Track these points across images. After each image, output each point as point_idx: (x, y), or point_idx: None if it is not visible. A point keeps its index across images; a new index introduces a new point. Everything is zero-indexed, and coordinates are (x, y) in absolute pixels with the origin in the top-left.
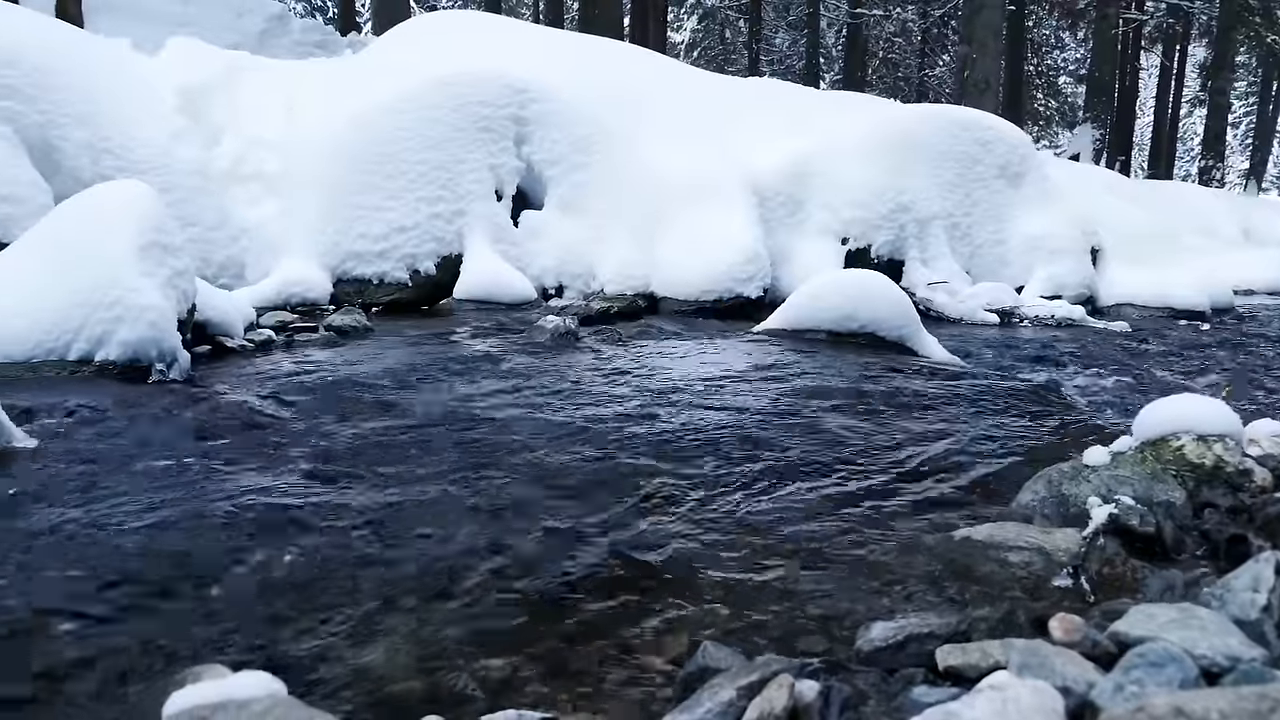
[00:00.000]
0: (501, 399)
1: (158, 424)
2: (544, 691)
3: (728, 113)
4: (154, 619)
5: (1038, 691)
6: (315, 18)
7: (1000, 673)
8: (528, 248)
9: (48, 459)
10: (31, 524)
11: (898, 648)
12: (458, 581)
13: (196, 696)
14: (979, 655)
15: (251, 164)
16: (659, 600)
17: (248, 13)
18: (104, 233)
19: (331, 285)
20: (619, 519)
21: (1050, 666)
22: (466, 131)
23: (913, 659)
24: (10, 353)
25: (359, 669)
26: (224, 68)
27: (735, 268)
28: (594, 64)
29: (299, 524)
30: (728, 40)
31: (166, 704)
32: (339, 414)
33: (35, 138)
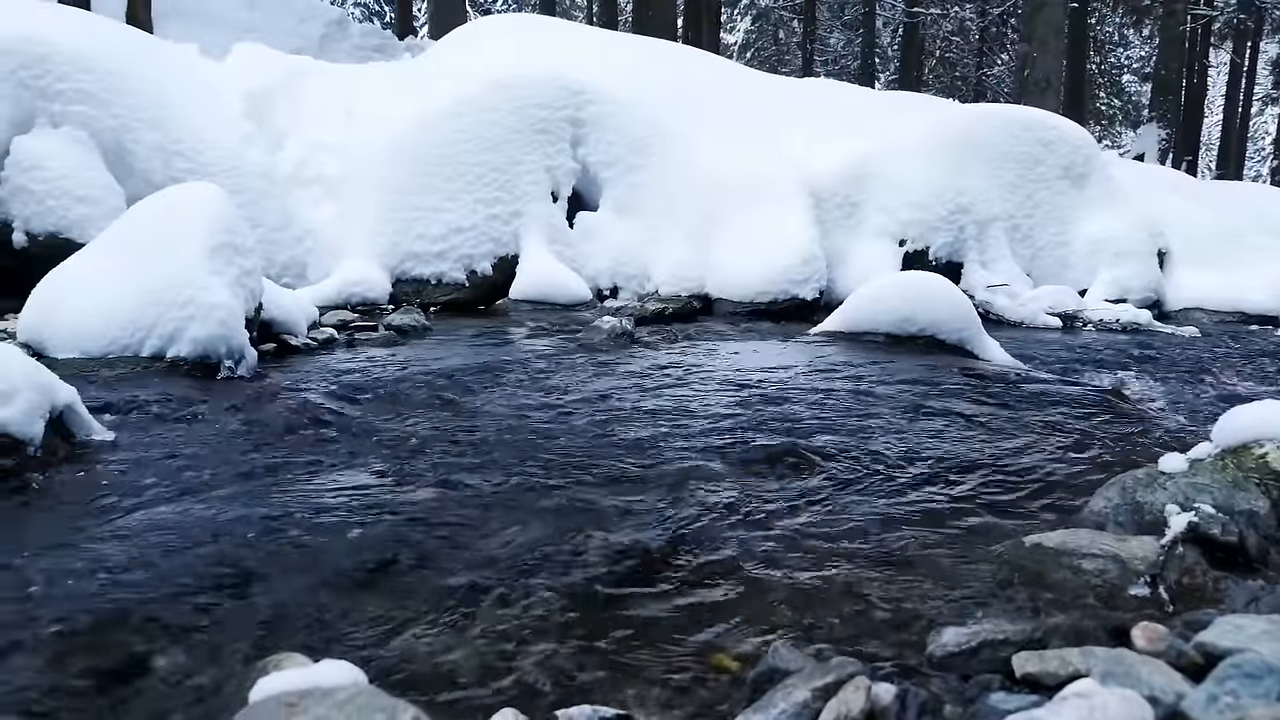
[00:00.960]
0: (560, 398)
1: (228, 419)
2: (613, 688)
3: (783, 113)
4: (230, 608)
5: (1126, 700)
6: (373, 22)
7: (1084, 681)
8: (583, 249)
9: (125, 451)
10: (111, 515)
11: (971, 653)
12: (524, 578)
13: (283, 683)
14: (1058, 663)
15: (313, 167)
16: (724, 601)
17: (309, 18)
18: (177, 233)
19: (390, 285)
20: (682, 519)
21: (1136, 675)
22: (523, 133)
23: (986, 665)
24: (88, 349)
25: (432, 661)
26: (287, 72)
27: (791, 269)
28: (649, 65)
29: (367, 518)
30: (781, 41)
31: (253, 689)
32: (402, 412)
33: (109, 141)
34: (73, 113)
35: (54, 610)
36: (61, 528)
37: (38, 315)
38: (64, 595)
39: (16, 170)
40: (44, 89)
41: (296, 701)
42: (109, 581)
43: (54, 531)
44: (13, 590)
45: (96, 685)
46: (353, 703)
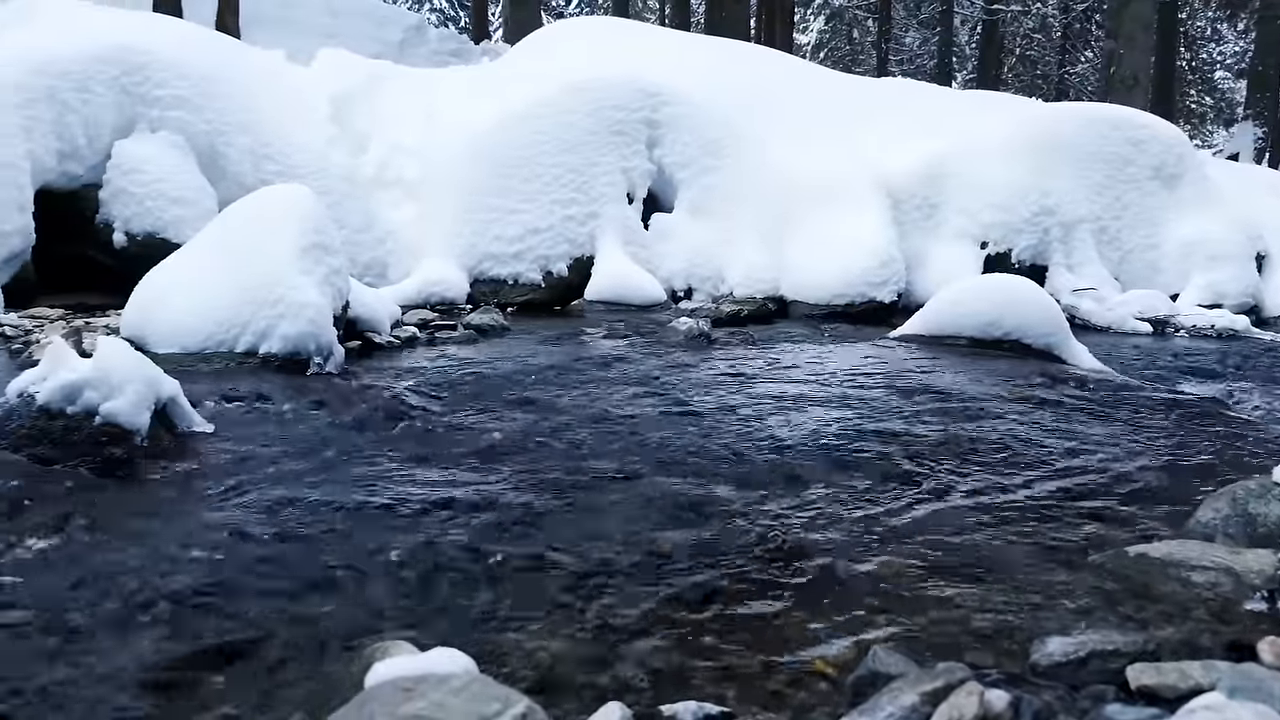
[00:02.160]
0: (642, 399)
1: (319, 414)
2: (711, 686)
3: (859, 113)
4: (332, 594)
5: (1261, 715)
6: (448, 27)
7: (1212, 694)
8: (657, 250)
9: (224, 443)
10: (214, 503)
11: (1079, 664)
12: (617, 574)
13: (397, 669)
14: (1176, 676)
15: (394, 169)
16: (816, 603)
17: (388, 23)
18: (269, 234)
19: (468, 285)
20: (772, 521)
21: (1268, 690)
22: (600, 135)
23: (1097, 676)
24: (186, 345)
25: (533, 653)
26: (369, 77)
27: (868, 271)
28: (724, 66)
29: (459, 512)
30: (855, 40)
31: (368, 674)
32: (486, 409)
33: (203, 145)
34: (170, 118)
35: (165, 591)
36: (169, 514)
37: (139, 312)
38: (174, 578)
39: (118, 173)
40: (143, 95)
41: (412, 687)
42: (215, 566)
43: (162, 518)
44: (126, 572)
45: (209, 665)
46: (467, 690)
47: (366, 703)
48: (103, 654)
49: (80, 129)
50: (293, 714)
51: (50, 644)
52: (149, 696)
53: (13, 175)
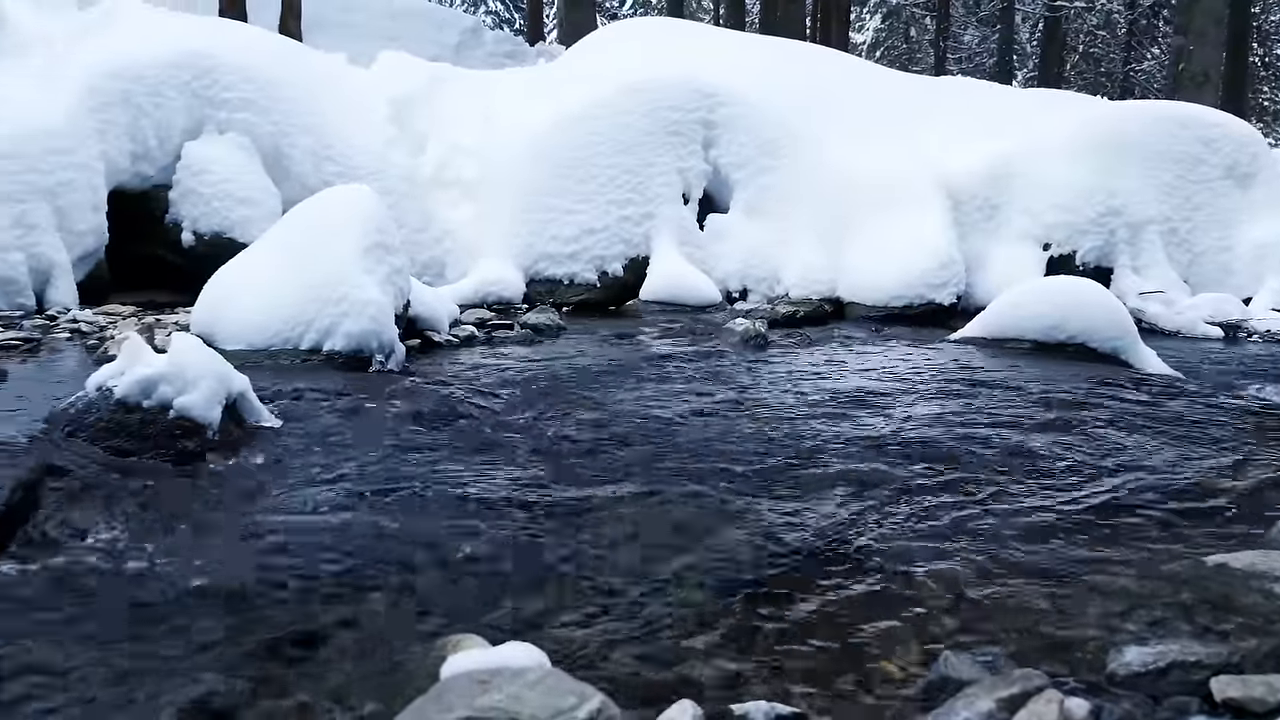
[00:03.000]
0: (699, 399)
1: (382, 410)
2: (780, 687)
3: (918, 113)
4: (400, 588)
5: None
6: (503, 30)
7: None
8: (712, 250)
9: (291, 437)
10: (283, 496)
11: (1159, 674)
12: (682, 573)
13: (472, 662)
14: (1264, 689)
15: (452, 169)
16: (882, 607)
17: (446, 26)
18: (332, 233)
19: (525, 285)
20: (835, 524)
21: None
22: (656, 135)
23: (1178, 687)
24: (253, 341)
25: (602, 650)
26: (428, 78)
27: (928, 273)
28: (781, 66)
29: (521, 509)
30: (912, 39)
31: (444, 667)
32: (545, 408)
33: (268, 146)
34: (236, 120)
35: (240, 580)
36: (241, 506)
37: (209, 310)
38: (248, 567)
39: (187, 174)
40: (211, 98)
41: (488, 680)
42: (287, 557)
43: (235, 509)
44: (202, 561)
45: (284, 653)
46: (543, 684)
47: (444, 694)
48: (181, 640)
49: (152, 131)
50: (366, 703)
51: (129, 629)
52: (226, 682)
53: (88, 176)
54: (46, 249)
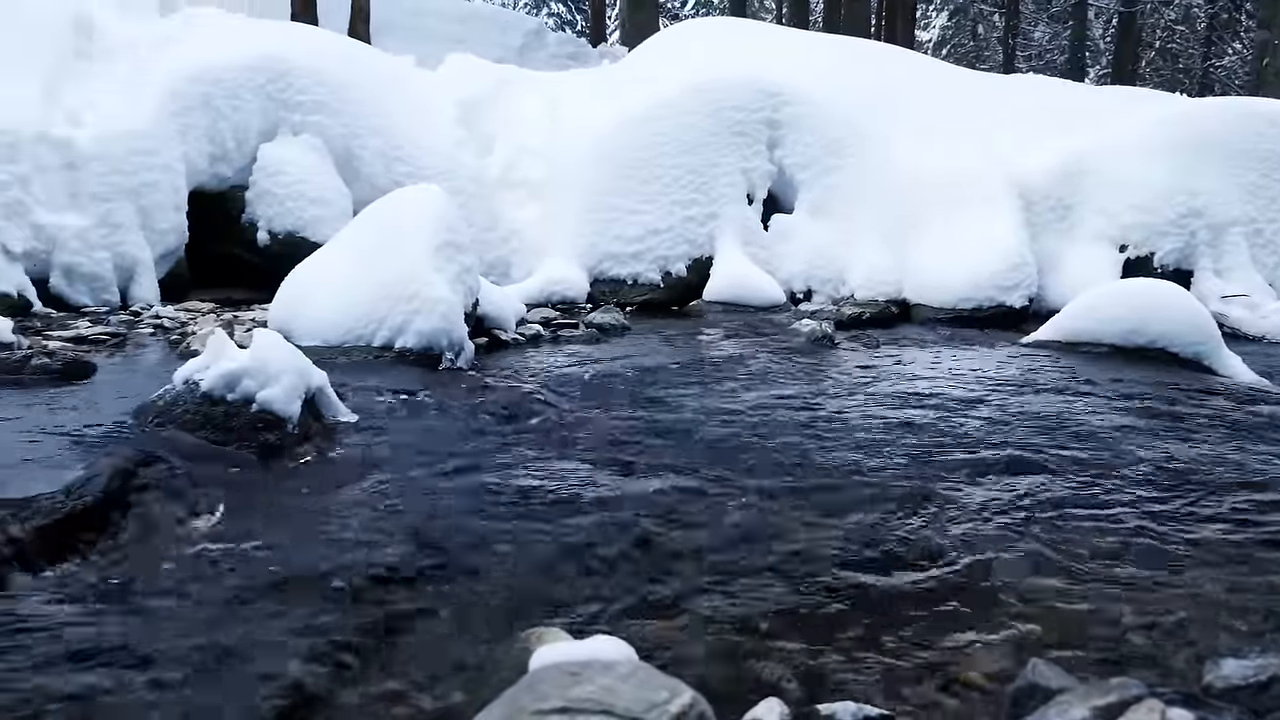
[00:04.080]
0: (767, 400)
1: (453, 406)
2: (861, 689)
3: (989, 111)
4: (478, 580)
5: None
6: (565, 31)
7: None
8: (776, 251)
9: (367, 432)
10: (362, 488)
11: (1259, 688)
12: (760, 573)
13: (560, 654)
14: None
15: (518, 170)
16: (965, 612)
17: (510, 29)
18: (404, 233)
19: (589, 284)
20: (909, 527)
21: None
22: (720, 136)
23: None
24: (328, 338)
25: (685, 646)
26: (495, 80)
27: (998, 275)
28: (847, 65)
29: (595, 505)
30: (980, 36)
31: (533, 658)
32: (612, 406)
33: (339, 148)
34: (310, 122)
35: (323, 570)
36: (322, 497)
37: (286, 307)
38: (331, 557)
39: (263, 175)
40: (286, 101)
41: (579, 671)
42: (368, 548)
43: (316, 501)
44: (287, 551)
45: (370, 641)
46: (634, 677)
47: (536, 684)
48: (273, 626)
49: (230, 133)
50: (452, 692)
51: (223, 614)
52: (314, 667)
53: (170, 177)
54: (130, 247)
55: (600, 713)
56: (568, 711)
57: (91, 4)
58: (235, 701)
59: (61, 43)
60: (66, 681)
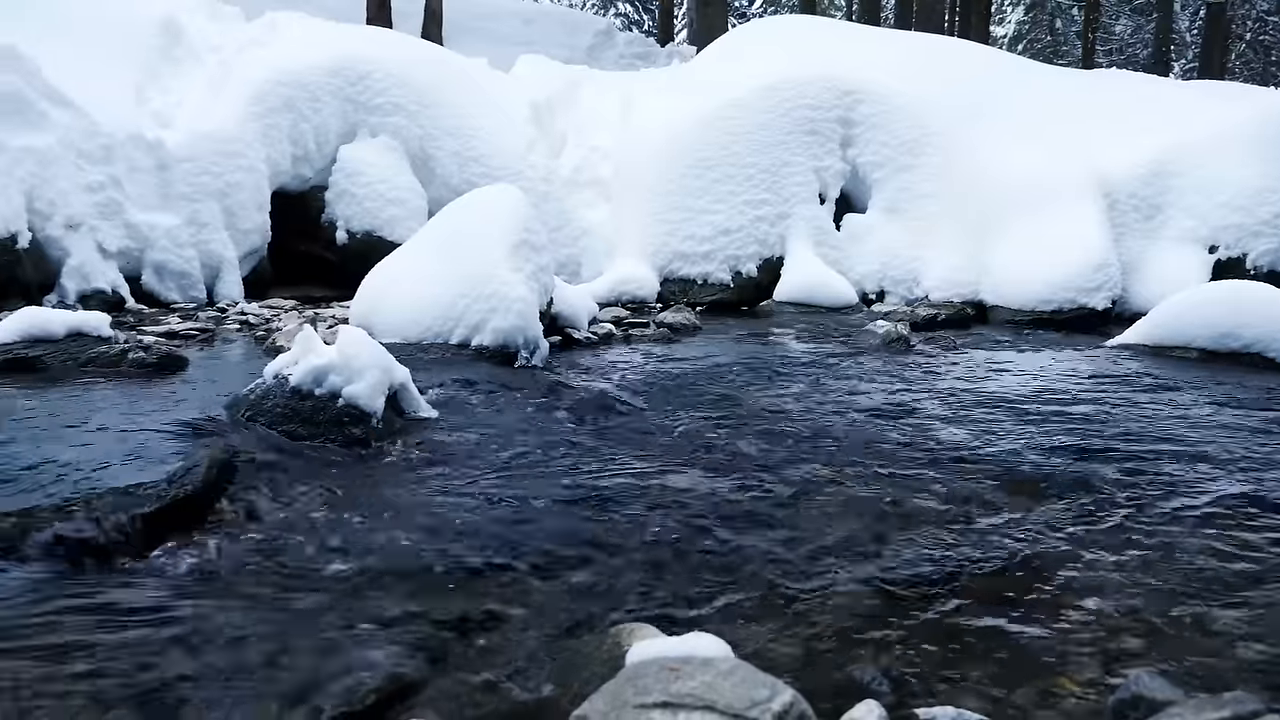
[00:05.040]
0: (845, 400)
1: (530, 404)
2: (956, 694)
3: (1070, 108)
4: (562, 575)
5: None
6: (632, 31)
7: None
8: (849, 251)
9: (447, 427)
10: (445, 482)
11: None
12: (843, 573)
13: (657, 649)
14: None
15: (589, 170)
16: (1060, 620)
17: (578, 29)
18: (482, 232)
19: (659, 284)
20: (1000, 533)
21: None
22: (793, 135)
23: None
24: (407, 335)
25: (773, 644)
26: (566, 81)
27: (1079, 276)
28: (922, 62)
29: (674, 503)
30: (1058, 31)
31: (630, 653)
32: (686, 405)
33: (416, 149)
34: (387, 124)
35: (412, 562)
36: (407, 491)
37: (367, 304)
38: (418, 550)
39: (342, 176)
40: (365, 103)
41: (678, 667)
42: (454, 540)
43: (402, 494)
44: (376, 543)
45: (460, 632)
46: (735, 674)
47: (637, 679)
48: (364, 616)
49: (311, 135)
50: (544, 684)
51: (317, 603)
52: (407, 654)
53: (254, 178)
54: (217, 246)
55: (702, 708)
56: (670, 706)
57: (180, 8)
58: (332, 684)
59: (150, 46)
60: (169, 660)
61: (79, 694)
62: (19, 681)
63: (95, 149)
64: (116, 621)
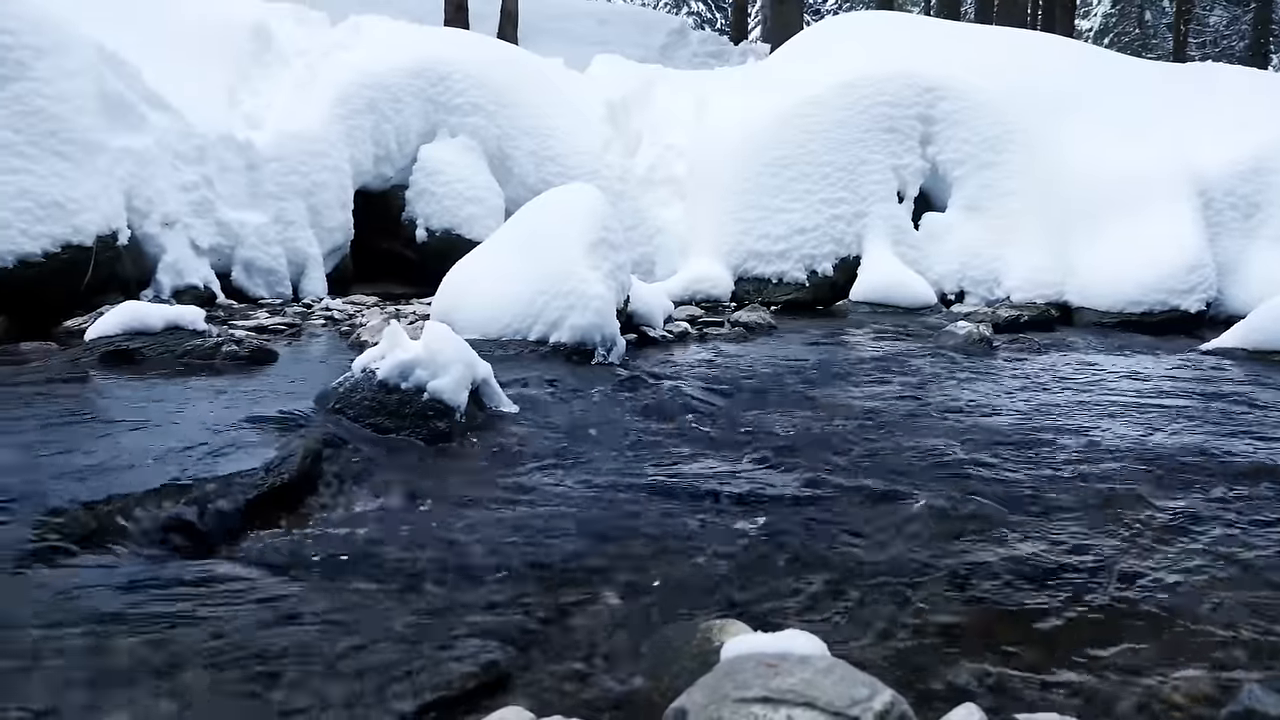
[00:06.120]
0: (925, 403)
1: (608, 401)
2: (1059, 701)
3: (1162, 103)
4: (646, 570)
5: None
6: (704, 29)
7: None
8: (927, 250)
9: (527, 424)
10: (528, 476)
11: None
12: (927, 578)
13: (753, 645)
14: None
15: (663, 169)
16: (1162, 630)
17: (652, 28)
18: (560, 230)
19: (733, 283)
20: (1100, 538)
21: None
22: (871, 133)
23: None
24: (486, 331)
25: (863, 645)
26: (641, 80)
27: (1172, 277)
28: (1004, 57)
29: (755, 500)
30: (1147, 23)
31: (725, 648)
32: (763, 405)
33: (494, 148)
34: (466, 124)
35: (499, 554)
36: (492, 483)
37: (447, 301)
38: (505, 540)
39: (422, 175)
40: (444, 103)
41: (776, 664)
42: (540, 533)
43: (487, 486)
44: (463, 534)
45: (549, 624)
46: (834, 673)
47: (735, 673)
48: (454, 606)
49: (393, 135)
50: (635, 677)
51: (407, 593)
52: (497, 644)
53: (338, 178)
54: (302, 243)
55: (803, 705)
56: (770, 701)
57: (269, 14)
58: (427, 669)
59: (241, 50)
60: (270, 641)
61: (188, 670)
62: (131, 660)
63: (190, 149)
64: (220, 603)
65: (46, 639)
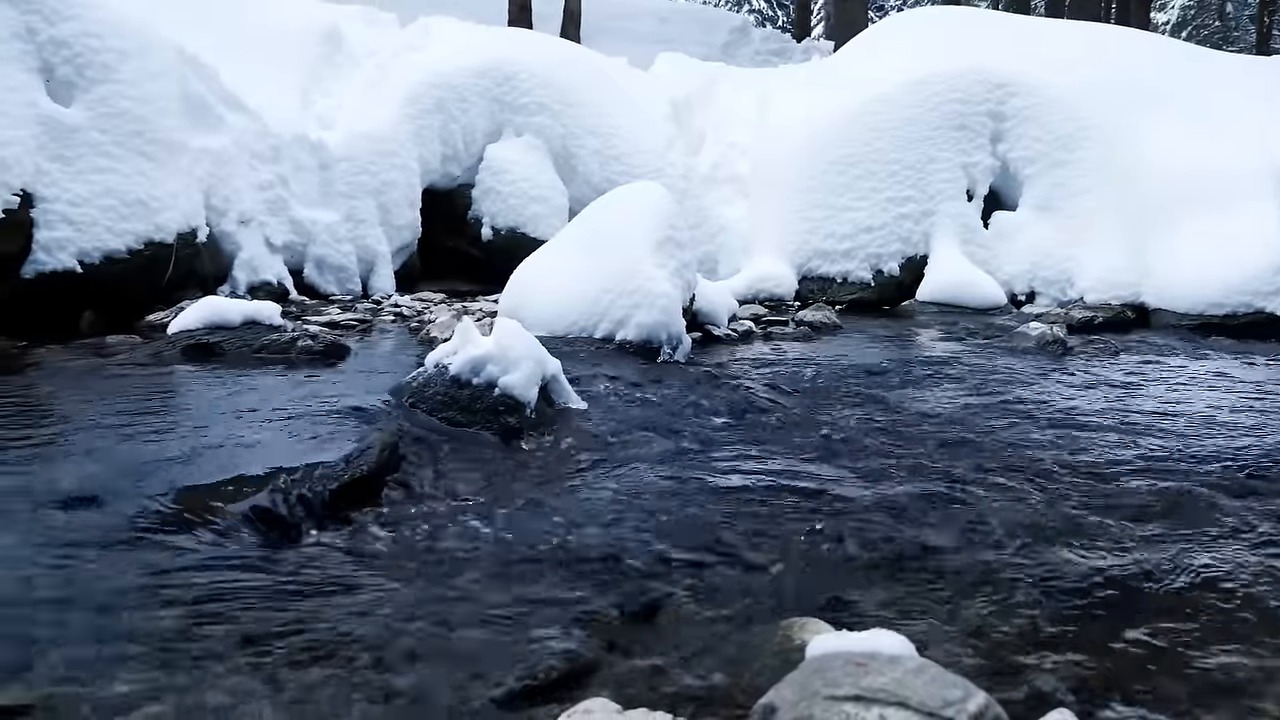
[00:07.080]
0: (1004, 404)
1: (675, 399)
2: (1147, 710)
3: (1245, 97)
4: (720, 567)
5: None
6: (766, 26)
7: None
8: (996, 250)
9: (595, 420)
10: (599, 472)
11: None
12: (1019, 582)
13: (838, 644)
14: None
15: (726, 167)
16: (1258, 640)
17: (713, 26)
18: (627, 228)
19: (797, 282)
20: (1188, 544)
21: None
22: (940, 130)
23: None
24: (553, 328)
25: (948, 645)
26: (704, 79)
27: (1257, 278)
28: (1078, 52)
29: (828, 499)
30: (1228, 15)
31: (810, 647)
32: (830, 405)
33: (558, 148)
34: (532, 123)
35: (574, 547)
36: (564, 480)
37: (515, 298)
38: (579, 537)
39: (488, 174)
40: (510, 103)
41: (865, 663)
42: (612, 530)
43: (559, 483)
44: (539, 528)
45: (628, 619)
46: (924, 673)
47: (823, 671)
48: (534, 599)
49: (460, 135)
50: (714, 672)
51: (487, 584)
52: (579, 637)
53: (407, 176)
54: (372, 241)
55: (895, 704)
56: (862, 700)
57: (340, 16)
58: (511, 659)
59: (314, 52)
60: (356, 627)
61: (279, 653)
62: (225, 643)
63: (265, 149)
64: (307, 590)
65: (145, 619)
